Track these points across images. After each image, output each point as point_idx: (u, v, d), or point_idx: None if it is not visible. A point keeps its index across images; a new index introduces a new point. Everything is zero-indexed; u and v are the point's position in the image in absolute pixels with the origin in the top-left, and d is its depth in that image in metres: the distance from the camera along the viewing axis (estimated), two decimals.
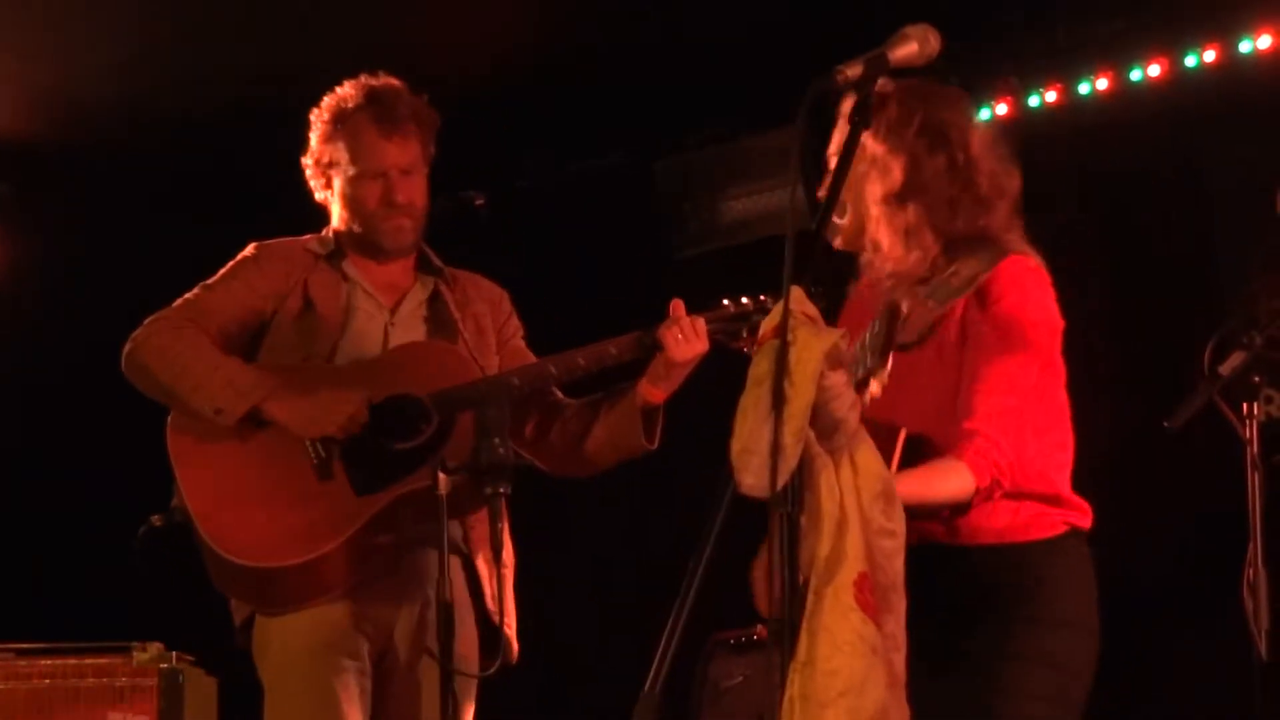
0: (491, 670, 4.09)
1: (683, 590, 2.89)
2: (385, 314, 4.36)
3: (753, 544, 3.45)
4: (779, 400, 2.88)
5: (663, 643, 2.87)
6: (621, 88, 6.87)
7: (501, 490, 3.84)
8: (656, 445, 4.27)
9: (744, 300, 4.25)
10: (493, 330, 4.44)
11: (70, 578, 7.31)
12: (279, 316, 4.30)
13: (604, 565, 7.45)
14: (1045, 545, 3.46)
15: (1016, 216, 3.58)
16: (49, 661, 4.68)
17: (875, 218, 3.54)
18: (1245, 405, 4.28)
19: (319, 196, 4.42)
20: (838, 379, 3.00)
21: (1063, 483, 3.52)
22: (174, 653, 5.10)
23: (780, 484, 2.87)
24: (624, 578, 7.28)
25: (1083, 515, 3.53)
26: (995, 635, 3.39)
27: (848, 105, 3.53)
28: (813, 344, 2.94)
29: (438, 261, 4.46)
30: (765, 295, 4.21)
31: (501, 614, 4.17)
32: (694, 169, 7.37)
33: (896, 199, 3.52)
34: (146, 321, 4.29)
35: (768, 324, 2.99)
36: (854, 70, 3.13)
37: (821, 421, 2.99)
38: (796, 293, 2.96)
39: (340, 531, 4.06)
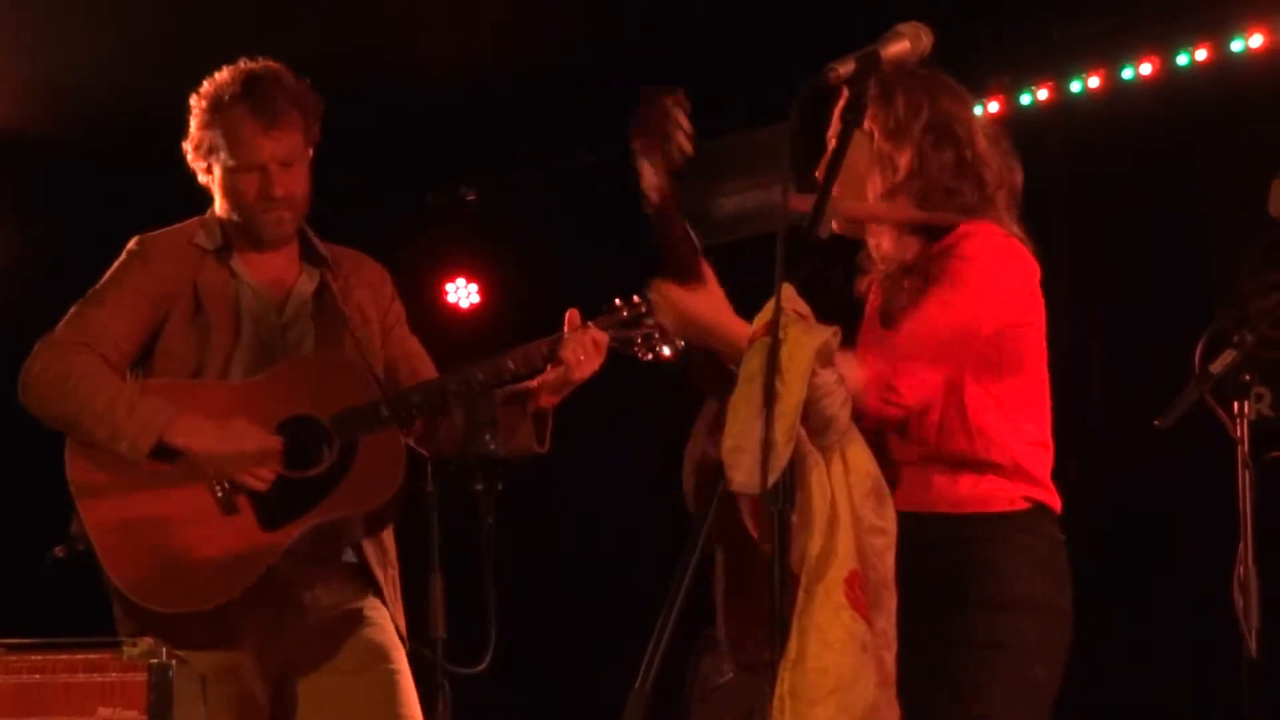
0: (481, 666, 4.08)
1: (673, 587, 2.89)
2: (275, 315, 4.25)
3: None
4: (770, 397, 2.88)
5: (653, 639, 2.87)
6: (613, 83, 6.86)
7: (496, 485, 3.79)
8: (548, 449, 4.25)
9: (635, 300, 4.21)
10: (376, 319, 4.36)
11: (60, 571, 7.29)
12: (170, 321, 4.19)
13: (592, 561, 7.45)
14: (1003, 519, 3.42)
15: (1014, 206, 3.56)
16: (39, 656, 4.66)
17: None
18: (1236, 404, 4.29)
19: (202, 180, 4.31)
20: (829, 376, 3.00)
21: (1027, 457, 3.46)
22: (164, 648, 5.08)
23: (771, 481, 2.88)
24: (612, 574, 7.28)
25: (1049, 493, 3.48)
26: (948, 620, 3.35)
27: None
28: (804, 341, 2.94)
29: (321, 249, 4.35)
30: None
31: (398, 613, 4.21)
32: (685, 165, 7.36)
33: (896, 193, 3.51)
34: (37, 348, 4.20)
35: (759, 321, 2.99)
36: (846, 67, 3.13)
37: (813, 419, 3.00)
38: (787, 290, 2.97)
39: (246, 576, 3.98)
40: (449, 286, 8.15)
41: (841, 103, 3.40)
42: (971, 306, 3.39)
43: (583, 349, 4.11)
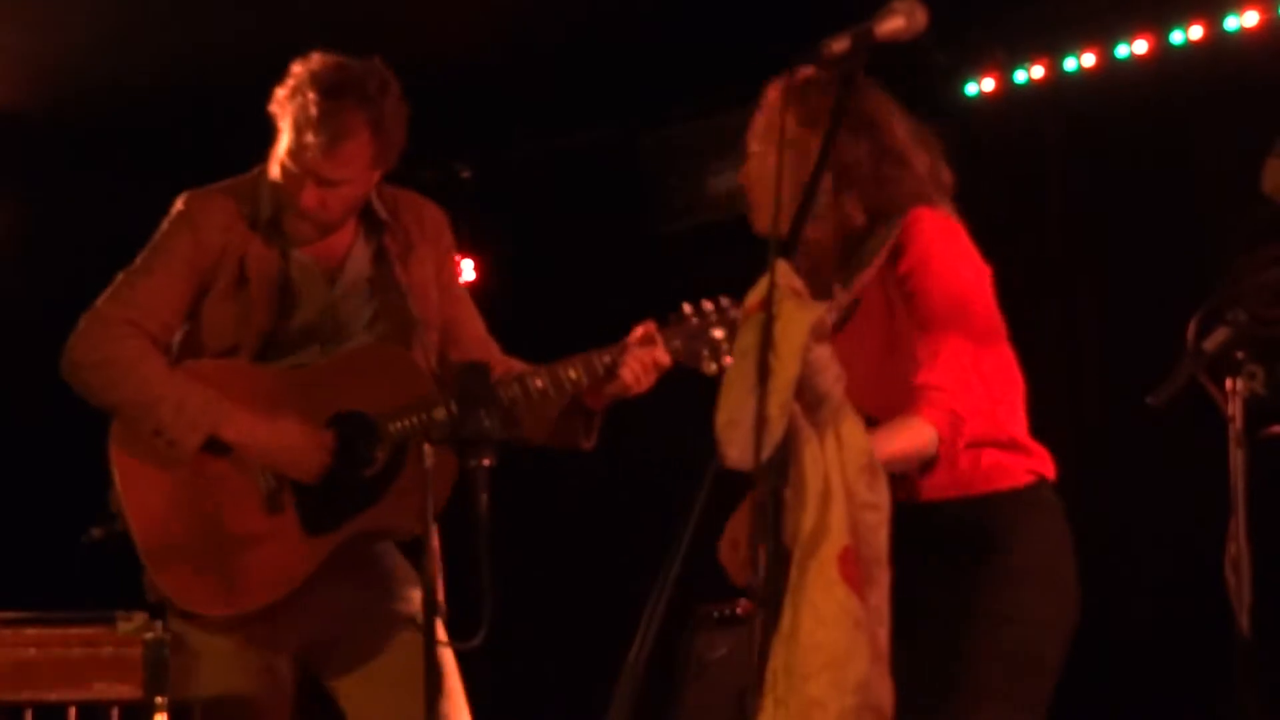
0: (474, 643, 4.08)
1: (667, 562, 2.90)
2: (328, 289, 4.18)
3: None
4: (764, 373, 2.89)
5: (646, 615, 2.88)
6: (606, 61, 6.86)
7: (486, 463, 3.73)
8: (594, 446, 4.21)
9: (705, 305, 4.11)
10: (435, 280, 4.26)
11: (53, 545, 7.30)
12: (212, 292, 4.11)
13: (588, 537, 7.45)
14: (1011, 496, 3.45)
15: (944, 195, 3.57)
16: (34, 631, 4.67)
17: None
18: (1229, 381, 4.28)
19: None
20: (823, 352, 3.01)
21: (1018, 429, 3.50)
22: (159, 623, 5.09)
23: (764, 457, 2.88)
24: (608, 550, 7.29)
25: (1045, 463, 3.52)
26: (959, 593, 3.37)
27: (773, 94, 3.55)
28: (798, 317, 2.95)
29: (381, 211, 4.22)
30: (726, 300, 4.07)
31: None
32: (679, 143, 7.36)
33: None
34: (82, 323, 4.11)
35: (753, 297, 3.00)
36: (840, 44, 3.13)
37: (807, 395, 3.00)
38: (782, 266, 2.97)
39: (283, 585, 3.99)
40: None
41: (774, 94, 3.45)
42: (969, 309, 3.42)
43: (643, 368, 4.03)
